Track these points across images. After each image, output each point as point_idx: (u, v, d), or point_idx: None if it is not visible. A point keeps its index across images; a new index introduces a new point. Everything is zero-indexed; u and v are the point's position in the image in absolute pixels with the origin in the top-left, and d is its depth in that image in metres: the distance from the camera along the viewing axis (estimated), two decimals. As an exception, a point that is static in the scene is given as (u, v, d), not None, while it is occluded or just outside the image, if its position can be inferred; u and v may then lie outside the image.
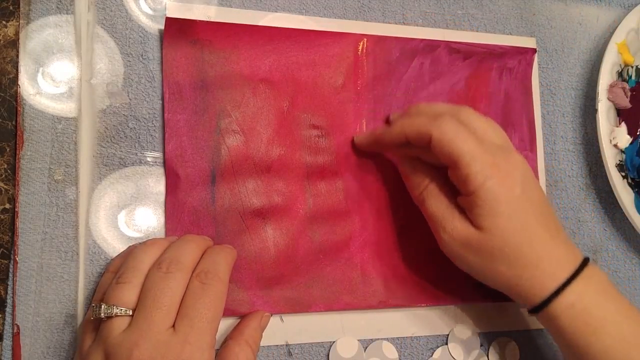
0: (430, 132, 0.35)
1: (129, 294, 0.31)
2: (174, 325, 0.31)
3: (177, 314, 0.31)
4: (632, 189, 0.46)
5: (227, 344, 0.35)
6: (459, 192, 0.37)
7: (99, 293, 0.34)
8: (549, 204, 0.38)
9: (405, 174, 0.40)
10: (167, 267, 0.32)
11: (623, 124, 0.47)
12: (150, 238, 0.37)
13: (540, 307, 0.36)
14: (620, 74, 0.47)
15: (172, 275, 0.31)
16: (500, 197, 0.35)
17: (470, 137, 0.35)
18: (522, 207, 0.35)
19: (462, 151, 0.35)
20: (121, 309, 0.31)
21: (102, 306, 0.31)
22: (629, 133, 0.47)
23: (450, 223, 0.37)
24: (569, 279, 0.35)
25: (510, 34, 0.47)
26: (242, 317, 0.37)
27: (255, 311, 0.38)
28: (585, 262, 0.36)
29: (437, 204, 0.38)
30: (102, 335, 0.31)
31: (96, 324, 0.32)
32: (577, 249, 0.37)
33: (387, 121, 0.42)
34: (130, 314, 0.31)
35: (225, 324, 0.37)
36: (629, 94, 0.47)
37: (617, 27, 0.47)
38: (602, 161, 0.46)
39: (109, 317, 0.31)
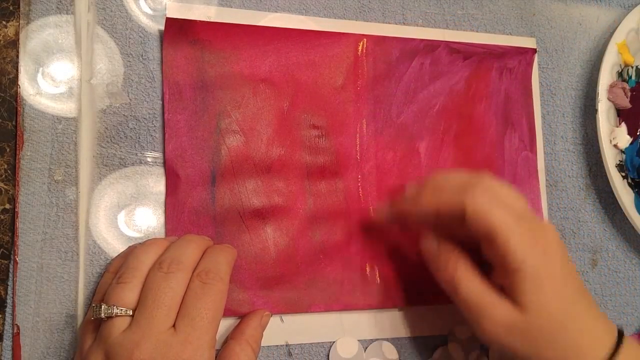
0: (464, 206, 0.33)
1: (129, 294, 0.31)
2: (174, 325, 0.31)
3: (177, 314, 0.31)
4: (632, 189, 0.46)
5: (228, 343, 0.35)
6: (494, 269, 0.34)
7: (99, 293, 0.34)
8: (574, 268, 0.36)
9: (430, 254, 0.37)
10: (167, 267, 0.32)
11: (623, 124, 0.47)
12: (150, 238, 0.37)
13: None
14: (620, 74, 0.47)
15: (173, 275, 0.31)
16: (542, 271, 0.33)
17: (506, 209, 0.33)
18: (563, 281, 0.34)
19: (499, 224, 0.32)
20: (122, 309, 0.31)
21: (103, 306, 0.31)
22: (629, 133, 0.47)
23: (491, 309, 0.34)
24: (610, 355, 0.33)
25: (510, 34, 0.47)
26: (243, 316, 0.37)
27: (256, 310, 0.38)
28: (620, 334, 0.35)
29: (473, 288, 0.34)
30: (103, 336, 0.31)
31: (96, 324, 0.32)
32: (609, 320, 0.36)
33: (402, 190, 0.40)
34: (131, 314, 0.31)
35: (226, 324, 0.37)
36: (629, 94, 0.47)
37: (617, 28, 0.47)
38: (602, 161, 0.46)
39: (110, 317, 0.31)
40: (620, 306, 0.48)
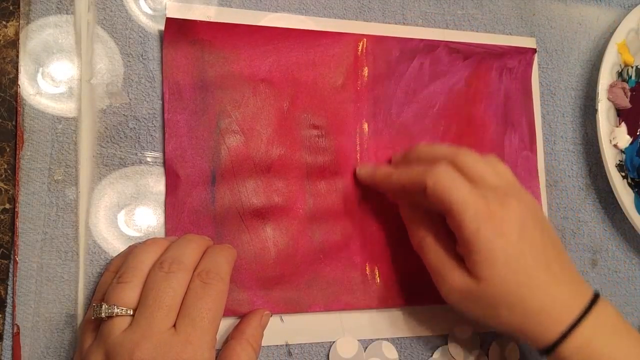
0: (424, 181, 0.35)
1: (130, 293, 0.31)
2: (175, 325, 0.31)
3: (178, 314, 0.31)
4: (632, 189, 0.46)
5: (228, 343, 0.35)
6: (457, 240, 0.36)
7: (99, 293, 0.34)
8: (553, 241, 0.37)
9: (405, 221, 0.40)
10: (168, 267, 0.32)
11: (623, 124, 0.47)
12: (150, 238, 0.37)
13: (548, 351, 0.35)
14: (620, 74, 0.47)
15: (173, 275, 0.31)
16: (496, 244, 0.34)
17: (464, 184, 0.35)
18: (520, 253, 0.34)
19: (455, 199, 0.34)
20: (122, 309, 0.31)
21: (103, 306, 0.31)
22: (629, 133, 0.47)
23: (449, 275, 0.36)
24: (576, 321, 0.34)
25: (510, 34, 0.47)
26: (243, 316, 0.37)
27: (256, 310, 0.38)
28: (594, 299, 0.35)
29: (435, 255, 0.37)
30: (103, 335, 0.31)
31: (96, 323, 0.32)
32: (586, 284, 0.36)
33: (390, 161, 0.42)
34: (131, 313, 0.31)
35: (226, 324, 0.37)
36: (629, 94, 0.47)
37: (617, 27, 0.47)
38: (602, 161, 0.46)
39: (110, 317, 0.31)
40: (620, 306, 0.48)
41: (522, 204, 0.36)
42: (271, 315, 0.38)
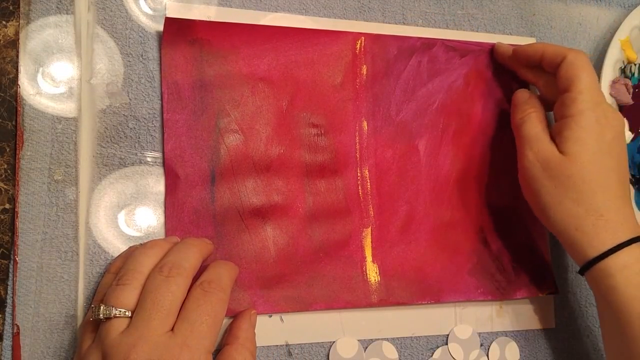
0: (566, 54, 0.39)
1: (128, 295, 0.31)
2: (173, 329, 0.31)
3: (177, 318, 0.31)
4: (633, 185, 0.46)
5: (223, 350, 0.35)
6: (557, 120, 0.40)
7: (100, 294, 0.34)
8: (627, 170, 0.40)
9: (516, 100, 0.43)
10: (168, 271, 0.32)
11: (625, 120, 0.47)
12: (151, 239, 0.37)
13: (594, 262, 0.36)
14: (623, 71, 0.47)
15: (173, 279, 0.32)
16: (593, 131, 0.38)
17: (595, 77, 0.39)
18: (607, 153, 0.38)
19: (583, 79, 0.38)
20: (120, 311, 0.31)
21: (102, 307, 0.31)
22: (631, 129, 0.47)
23: (538, 143, 0.39)
24: (629, 240, 0.36)
25: (510, 34, 0.47)
26: (232, 320, 0.37)
27: (242, 311, 0.37)
28: (636, 238, 0.37)
29: (533, 127, 0.40)
30: (101, 336, 0.31)
31: (96, 324, 0.32)
32: (637, 224, 0.38)
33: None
34: (130, 315, 0.31)
35: (225, 324, 0.37)
36: (631, 90, 0.47)
37: (620, 24, 0.47)
38: (603, 160, 0.46)
39: (108, 319, 0.31)
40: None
41: (624, 123, 0.41)
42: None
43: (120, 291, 0.31)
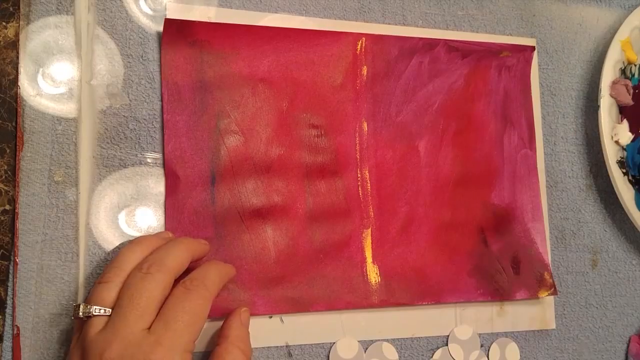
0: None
1: (108, 293, 0.31)
2: (149, 328, 0.30)
3: (156, 317, 0.31)
4: (633, 185, 0.46)
5: (214, 350, 0.34)
6: None
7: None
8: None
9: None
10: (147, 268, 0.31)
11: (625, 121, 0.47)
12: (138, 236, 0.36)
13: None
14: (623, 72, 0.47)
15: (151, 276, 0.31)
16: None
17: None
18: None
19: None
20: (98, 309, 0.31)
21: (81, 306, 0.31)
22: (631, 130, 0.47)
23: None
24: None
25: (511, 35, 0.47)
26: (224, 319, 0.36)
27: (233, 310, 0.36)
28: None
29: None
30: (82, 334, 0.31)
31: (82, 323, 0.32)
32: None
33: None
34: (109, 313, 0.31)
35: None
36: (631, 91, 0.47)
37: (621, 25, 0.47)
38: (602, 161, 0.46)
39: (88, 317, 0.31)
40: (621, 306, 0.48)
41: None
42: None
43: (101, 289, 0.31)
